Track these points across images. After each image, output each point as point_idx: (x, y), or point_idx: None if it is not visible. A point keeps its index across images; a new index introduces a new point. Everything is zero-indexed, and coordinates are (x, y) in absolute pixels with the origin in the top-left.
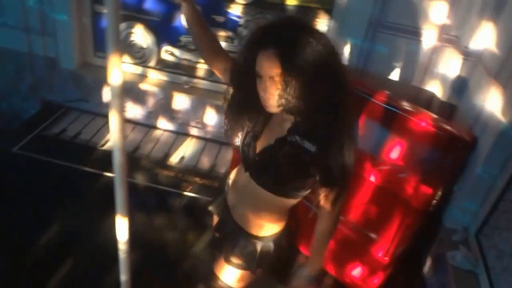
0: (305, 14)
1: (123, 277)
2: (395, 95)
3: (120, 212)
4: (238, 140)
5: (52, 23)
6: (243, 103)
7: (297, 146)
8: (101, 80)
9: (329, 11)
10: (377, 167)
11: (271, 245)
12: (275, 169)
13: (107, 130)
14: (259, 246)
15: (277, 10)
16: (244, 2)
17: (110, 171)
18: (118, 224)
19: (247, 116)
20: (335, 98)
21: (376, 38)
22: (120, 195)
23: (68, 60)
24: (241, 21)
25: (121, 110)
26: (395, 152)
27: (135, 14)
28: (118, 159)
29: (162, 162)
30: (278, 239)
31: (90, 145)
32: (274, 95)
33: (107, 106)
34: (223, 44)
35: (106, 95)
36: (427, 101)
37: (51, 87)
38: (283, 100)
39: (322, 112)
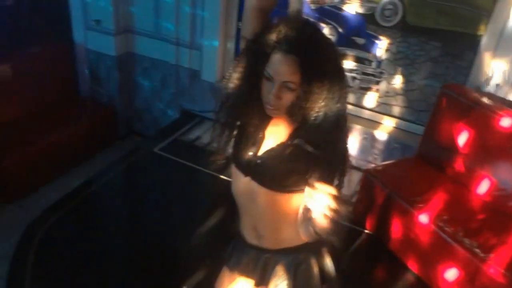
0: (450, 39)
1: None
2: None
3: None
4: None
5: (199, 39)
6: (247, 97)
7: (301, 148)
8: None
9: (478, 38)
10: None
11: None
12: (278, 168)
13: None
14: (312, 257)
15: (420, 35)
16: (387, 25)
17: None
18: None
19: (249, 112)
20: (341, 104)
21: None
22: None
23: (209, 73)
24: (381, 44)
25: None
26: None
27: None
28: None
29: None
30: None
31: None
32: (286, 102)
33: None
34: (358, 65)
35: None
36: None
37: (191, 97)
38: (295, 109)
39: (329, 117)
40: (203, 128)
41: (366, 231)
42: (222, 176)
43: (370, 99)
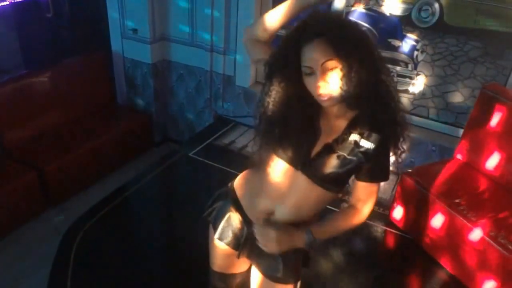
0: (490, 39)
1: None
2: None
3: None
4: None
5: (233, 45)
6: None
7: (357, 145)
8: None
9: None
10: None
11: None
12: (334, 169)
13: None
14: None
15: (459, 35)
16: (423, 26)
17: None
18: None
19: (296, 114)
20: (385, 79)
21: None
22: None
23: (243, 78)
24: (418, 45)
25: None
26: None
27: None
28: None
29: None
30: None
31: None
32: (335, 85)
33: None
34: (394, 67)
35: None
36: None
37: (225, 102)
38: (344, 91)
39: (379, 98)
40: (236, 133)
41: (403, 234)
42: None
43: (407, 101)
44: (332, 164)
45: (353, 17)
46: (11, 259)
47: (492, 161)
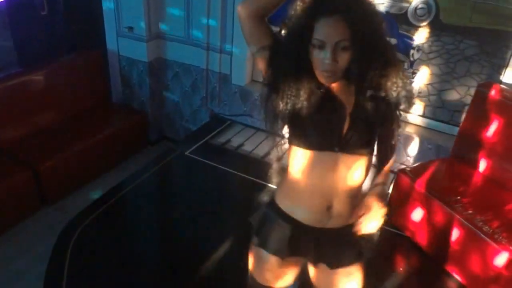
0: (486, 37)
1: None
2: None
3: None
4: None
5: (229, 43)
6: (299, 76)
7: (375, 98)
8: None
9: None
10: None
11: None
12: (368, 133)
13: (268, 145)
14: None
15: (454, 33)
16: (419, 24)
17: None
18: None
19: (305, 90)
20: (390, 55)
21: None
22: None
23: (239, 77)
24: (414, 43)
25: None
26: None
27: None
28: None
29: None
30: None
31: (251, 156)
32: (343, 64)
33: None
34: None
35: None
36: None
37: (221, 101)
38: (353, 69)
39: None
40: (232, 132)
41: (399, 231)
42: (251, 178)
43: None
44: (364, 130)
45: None
46: (6, 258)
47: (488, 159)
